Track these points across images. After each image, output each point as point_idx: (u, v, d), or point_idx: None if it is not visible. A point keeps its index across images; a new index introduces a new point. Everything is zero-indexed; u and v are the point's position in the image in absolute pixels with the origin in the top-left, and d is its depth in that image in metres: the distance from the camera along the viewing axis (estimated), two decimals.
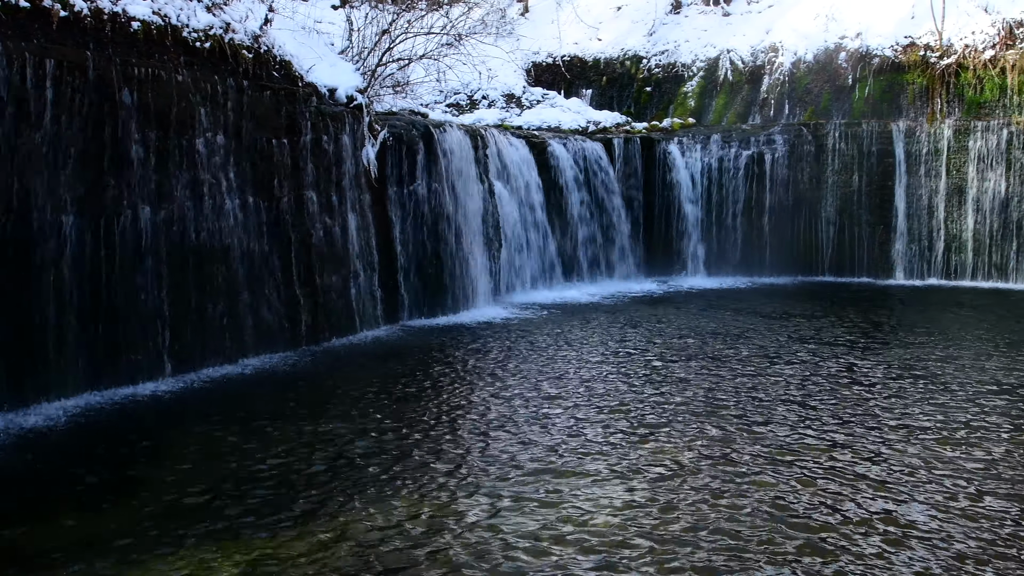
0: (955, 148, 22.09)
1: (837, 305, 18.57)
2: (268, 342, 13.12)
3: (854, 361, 12.94)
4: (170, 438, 9.25)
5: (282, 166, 13.41)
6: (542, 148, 20.46)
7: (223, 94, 12.36)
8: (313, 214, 13.97)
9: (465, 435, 9.39)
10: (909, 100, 23.07)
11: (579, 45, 29.44)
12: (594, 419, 9.93)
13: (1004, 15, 22.08)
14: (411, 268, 16.14)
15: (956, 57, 22.35)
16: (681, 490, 7.71)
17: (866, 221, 22.87)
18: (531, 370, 12.39)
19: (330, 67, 15.06)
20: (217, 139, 12.26)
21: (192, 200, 11.87)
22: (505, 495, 7.61)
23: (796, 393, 11.08)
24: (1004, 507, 7.34)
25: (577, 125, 23.28)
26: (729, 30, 27.67)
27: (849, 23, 24.94)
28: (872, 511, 7.26)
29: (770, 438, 9.22)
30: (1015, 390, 11.22)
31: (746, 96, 26.08)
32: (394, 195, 15.86)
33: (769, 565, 6.27)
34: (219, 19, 12.50)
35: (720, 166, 23.30)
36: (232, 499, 7.56)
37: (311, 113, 13.99)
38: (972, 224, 21.96)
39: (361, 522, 7.05)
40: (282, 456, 8.69)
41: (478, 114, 23.94)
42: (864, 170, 22.79)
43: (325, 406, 10.54)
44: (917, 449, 8.86)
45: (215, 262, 12.22)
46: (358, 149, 14.98)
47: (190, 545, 6.63)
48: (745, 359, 13.08)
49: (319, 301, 14.02)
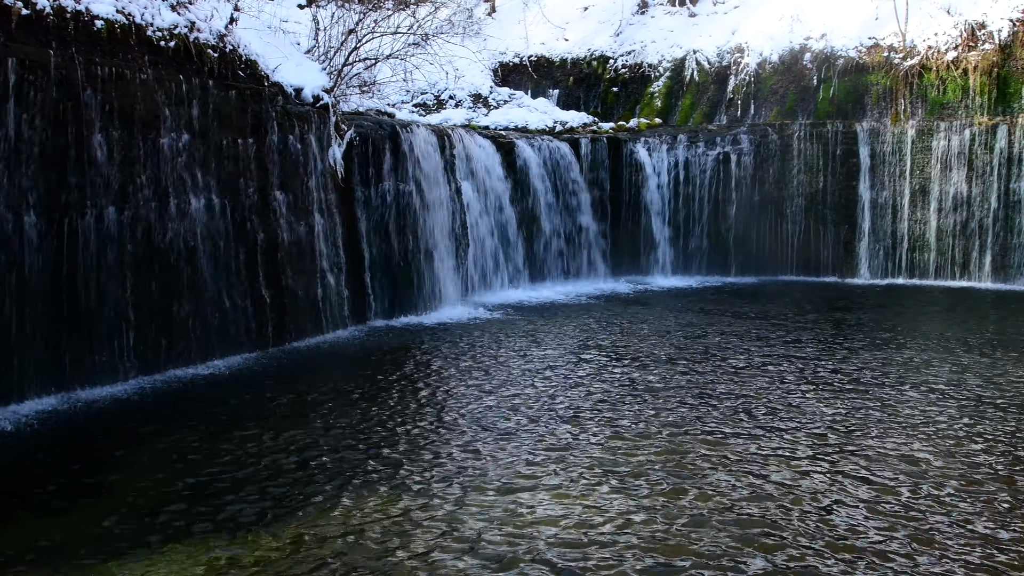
0: (918, 148, 22.30)
1: (801, 304, 18.70)
2: (234, 343, 13.04)
3: (817, 360, 13.03)
4: (134, 441, 9.17)
5: (248, 166, 13.33)
6: (509, 148, 20.45)
7: (188, 93, 12.27)
8: (279, 214, 13.89)
9: (432, 438, 9.36)
10: (873, 101, 23.25)
11: (546, 45, 29.47)
12: (561, 422, 9.93)
13: (966, 17, 22.29)
14: (378, 268, 16.09)
15: (919, 58, 22.54)
16: (647, 495, 7.73)
17: (831, 221, 23.05)
18: (498, 372, 12.38)
19: (296, 67, 14.98)
20: (182, 139, 12.17)
21: (157, 200, 11.77)
22: (472, 498, 7.59)
23: (765, 393, 11.14)
24: (937, 498, 7.41)
25: (544, 125, 23.29)
26: (695, 31, 27.79)
27: (814, 24, 25.11)
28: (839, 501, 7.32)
29: (738, 444, 9.27)
30: (971, 389, 11.35)
31: (712, 96, 26.19)
32: (361, 195, 15.81)
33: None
34: (184, 18, 12.40)
35: (687, 166, 23.41)
36: (196, 502, 7.49)
37: (277, 113, 13.92)
38: (935, 223, 22.17)
39: (326, 525, 7.01)
40: (247, 458, 8.63)
41: (445, 114, 23.91)
42: (829, 170, 22.98)
43: (291, 408, 10.48)
44: (887, 449, 8.94)
45: (180, 263, 12.12)
46: (324, 149, 14.91)
47: (154, 549, 6.56)
48: (712, 359, 13.13)
49: (285, 302, 13.94)
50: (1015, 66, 21.52)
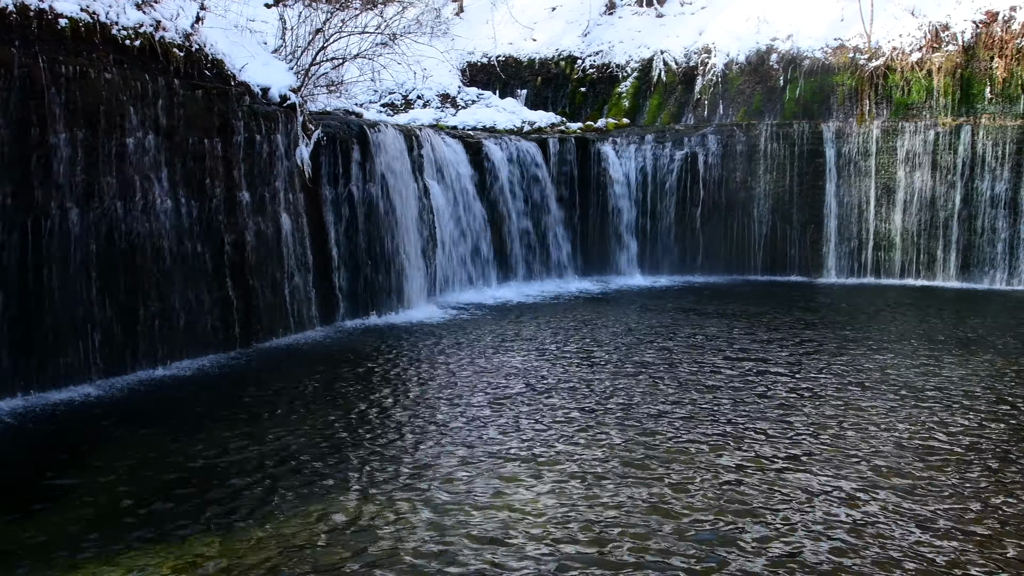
0: (884, 148, 22.49)
1: (768, 303, 18.82)
2: (201, 344, 12.97)
3: (781, 358, 13.14)
4: (101, 442, 9.11)
5: (214, 166, 13.26)
6: (477, 148, 20.45)
7: (154, 93, 12.19)
8: (246, 214, 13.83)
9: (399, 437, 9.36)
10: (839, 101, 23.41)
11: (514, 45, 29.48)
12: (528, 422, 9.95)
13: (930, 19, 22.49)
14: (346, 269, 16.04)
15: (884, 59, 22.73)
16: (613, 489, 7.76)
17: (798, 220, 23.20)
18: (465, 372, 12.39)
19: (263, 66, 14.91)
20: (148, 139, 12.08)
21: (122, 200, 11.68)
22: (440, 498, 7.60)
23: (730, 392, 11.21)
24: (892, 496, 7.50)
25: (512, 125, 23.31)
26: (663, 31, 27.86)
27: (780, 25, 25.25)
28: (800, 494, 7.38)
29: (708, 442, 9.32)
30: (934, 388, 11.48)
31: (680, 97, 26.29)
32: (328, 195, 15.76)
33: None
34: (149, 17, 12.32)
35: (654, 166, 23.49)
36: (165, 503, 7.46)
37: (244, 112, 13.86)
38: (900, 223, 22.37)
39: (294, 524, 6.99)
40: (214, 459, 8.60)
41: (413, 114, 23.87)
42: (795, 170, 23.13)
43: (258, 409, 10.44)
44: (846, 445, 9.02)
45: (146, 263, 12.03)
46: (292, 149, 14.86)
47: (123, 551, 6.53)
48: (678, 359, 13.20)
49: (253, 302, 13.89)
50: (978, 67, 21.75)
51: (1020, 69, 21.14)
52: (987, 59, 21.61)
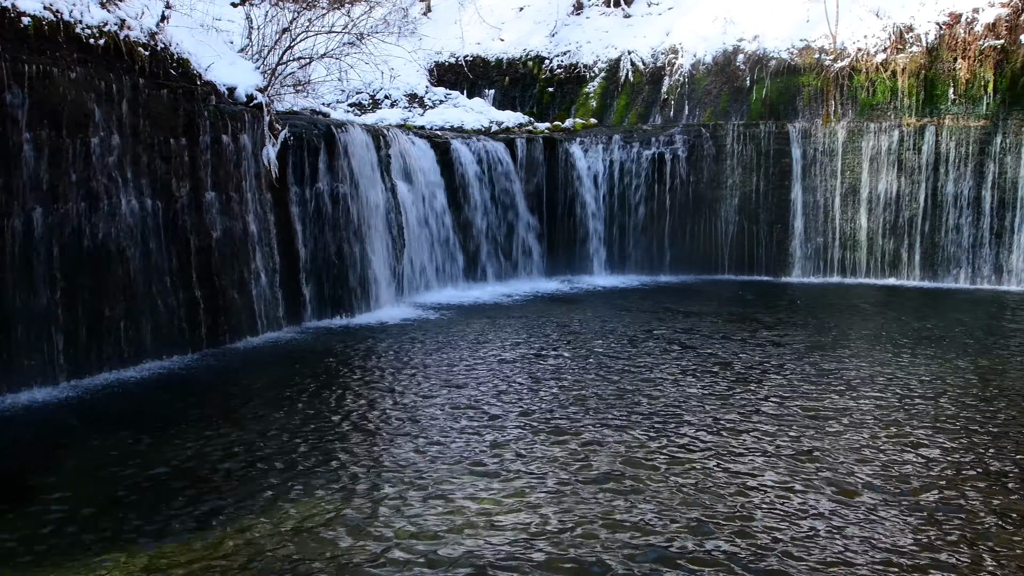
0: (849, 149, 22.66)
1: (734, 303, 18.93)
2: (167, 345, 12.89)
3: (748, 356, 13.21)
4: (65, 445, 9.04)
5: (180, 166, 13.18)
6: (445, 148, 20.43)
7: (118, 92, 12.10)
8: (213, 215, 13.75)
9: (366, 439, 9.35)
10: (805, 101, 23.55)
11: (482, 45, 29.47)
12: (496, 422, 9.96)
13: (894, 20, 22.67)
14: (313, 269, 15.98)
15: (849, 60, 22.89)
16: (581, 495, 7.79)
17: (764, 220, 23.33)
18: (432, 372, 12.38)
19: (229, 65, 14.83)
20: (112, 138, 11.99)
21: (87, 201, 11.59)
22: (407, 499, 7.59)
23: (697, 391, 11.27)
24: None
25: (480, 125, 23.29)
26: (630, 31, 27.93)
27: (746, 26, 25.36)
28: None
29: (669, 443, 9.37)
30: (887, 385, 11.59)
31: (647, 97, 26.37)
32: (295, 195, 15.69)
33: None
34: (114, 15, 12.22)
35: (622, 166, 23.55)
36: (129, 506, 7.41)
37: (210, 112, 13.77)
38: (865, 223, 22.55)
39: (259, 527, 6.97)
40: (180, 461, 8.55)
41: (380, 114, 23.81)
42: (762, 170, 23.26)
43: (224, 410, 10.38)
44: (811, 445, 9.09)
45: (111, 264, 11.94)
46: (258, 149, 14.78)
47: (91, 552, 6.49)
48: (644, 358, 13.24)
49: (219, 303, 13.81)
50: (942, 68, 21.95)
51: (983, 70, 21.36)
52: (950, 60, 21.81)
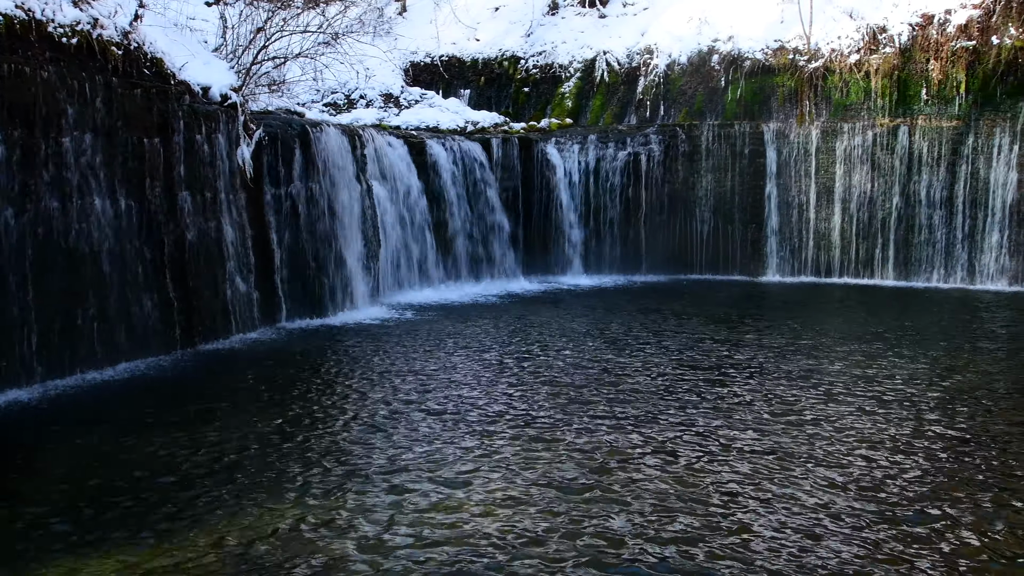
0: (823, 149, 22.79)
1: (708, 302, 19.00)
2: (141, 346, 12.80)
3: (721, 355, 13.26)
4: (38, 447, 8.98)
5: (154, 166, 13.10)
6: (421, 148, 20.40)
7: (91, 92, 12.01)
8: (187, 215, 13.68)
9: (341, 441, 9.32)
10: (779, 102, 23.66)
11: (457, 45, 29.44)
12: (470, 423, 9.96)
13: (868, 21, 22.82)
14: (288, 269, 15.92)
15: (823, 61, 23.02)
16: (551, 496, 7.79)
17: (739, 220, 23.43)
18: (407, 373, 12.35)
19: (203, 65, 14.76)
20: (85, 138, 11.90)
21: (59, 201, 11.49)
22: (381, 500, 7.58)
23: (671, 392, 11.29)
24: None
25: (455, 125, 23.28)
26: (605, 32, 27.97)
27: (721, 26, 25.45)
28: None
29: (640, 441, 9.39)
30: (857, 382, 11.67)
31: (622, 97, 26.42)
32: (270, 195, 15.63)
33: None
34: (87, 14, 12.13)
35: (597, 166, 23.59)
36: (107, 507, 7.36)
37: (184, 112, 13.70)
38: (839, 223, 22.69)
39: (231, 529, 6.93)
40: (157, 462, 8.50)
41: (356, 114, 23.75)
42: (737, 170, 23.37)
43: (200, 411, 10.33)
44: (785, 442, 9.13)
45: (85, 265, 11.86)
46: (233, 149, 14.72)
47: (65, 554, 6.45)
48: (618, 359, 13.27)
49: (194, 304, 13.74)
50: (914, 69, 22.10)
51: (955, 71, 21.52)
52: (923, 61, 21.97)
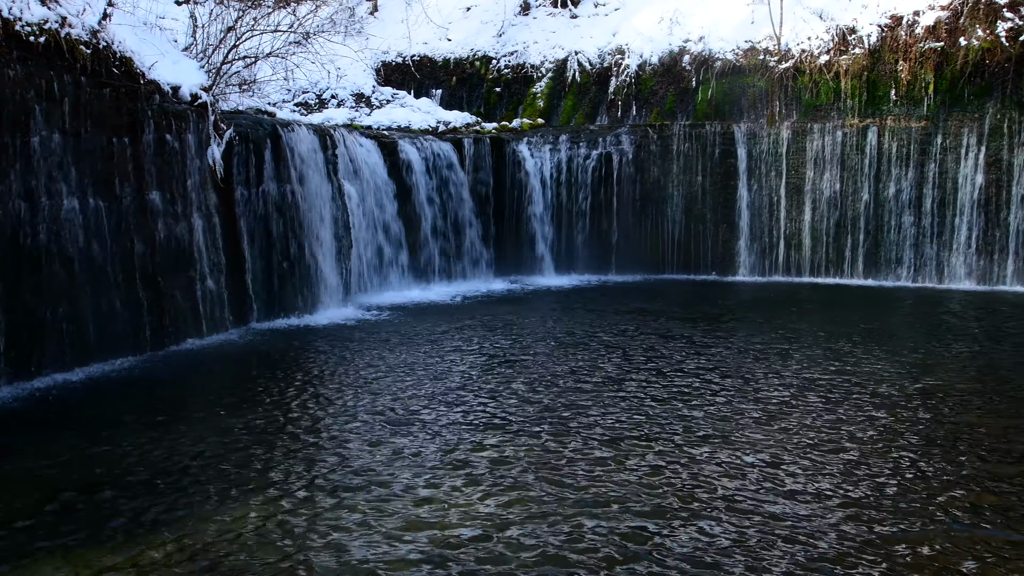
0: (793, 149, 22.91)
1: (679, 302, 19.07)
2: (111, 347, 12.71)
3: (689, 355, 13.31)
4: (9, 449, 8.89)
5: (123, 166, 13.01)
6: (392, 148, 20.36)
7: (59, 91, 11.91)
8: (157, 215, 13.59)
9: (311, 442, 9.29)
10: (750, 102, 23.77)
11: (429, 45, 29.40)
12: (439, 426, 9.95)
13: (838, 22, 22.95)
14: (259, 270, 15.85)
15: (793, 62, 23.14)
16: (518, 498, 7.80)
17: (711, 220, 23.52)
18: (377, 375, 12.32)
19: (173, 64, 14.67)
20: (54, 138, 11.81)
21: (27, 201, 11.39)
22: (350, 500, 7.56)
23: (646, 389, 11.32)
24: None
25: (427, 125, 23.25)
26: (577, 32, 28.01)
27: (692, 27, 25.53)
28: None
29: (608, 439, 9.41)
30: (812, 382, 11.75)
31: (594, 97, 26.46)
32: (241, 195, 15.55)
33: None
34: (55, 12, 12.03)
35: (569, 166, 23.62)
36: (75, 510, 7.31)
37: (154, 111, 13.61)
38: (810, 222, 22.82)
39: (203, 532, 6.90)
40: (126, 465, 8.44)
41: (327, 113, 23.69)
42: (708, 170, 23.45)
43: (170, 413, 10.27)
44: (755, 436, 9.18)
45: (53, 266, 11.76)
46: (203, 149, 14.64)
47: (33, 559, 6.39)
48: (591, 359, 13.29)
49: (164, 305, 13.65)
50: (883, 70, 22.25)
51: (923, 72, 21.68)
52: (892, 62, 22.12)
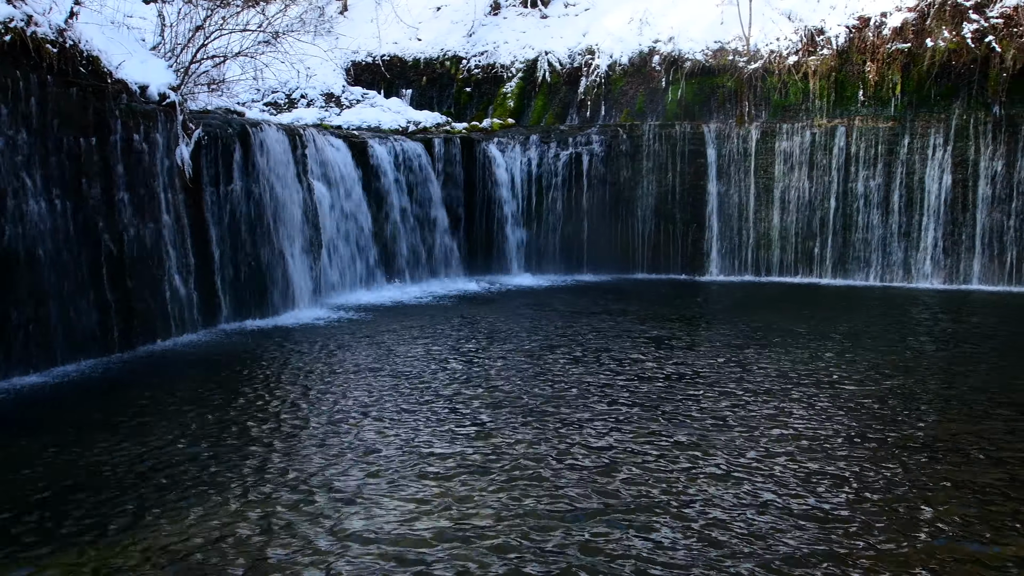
0: (763, 149, 23.04)
1: (649, 302, 19.13)
2: (79, 349, 12.61)
3: (658, 355, 13.35)
4: None
5: (91, 166, 12.91)
6: (362, 148, 20.31)
7: (25, 90, 11.80)
8: (124, 216, 13.49)
9: (278, 443, 9.24)
10: (719, 103, 23.88)
11: (399, 45, 29.35)
12: (410, 428, 9.93)
13: (806, 23, 23.11)
14: (229, 270, 15.77)
15: (762, 62, 23.27)
16: (493, 500, 7.80)
17: (681, 220, 23.61)
18: (346, 375, 12.29)
19: (141, 63, 14.57)
20: (19, 137, 11.70)
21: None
22: (319, 502, 7.54)
23: (614, 391, 11.35)
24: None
25: (397, 125, 23.21)
26: (547, 32, 28.04)
27: (662, 27, 25.62)
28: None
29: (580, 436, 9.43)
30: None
31: (564, 97, 26.50)
32: (210, 196, 15.47)
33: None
34: (20, 11, 11.92)
35: (540, 166, 23.66)
36: (42, 515, 7.23)
37: (121, 111, 13.51)
38: (779, 222, 22.95)
39: (171, 534, 6.85)
40: (94, 468, 8.37)
41: (297, 113, 23.60)
42: (678, 170, 23.54)
43: (138, 415, 10.20)
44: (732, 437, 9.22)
45: (19, 266, 11.64)
46: (171, 149, 14.55)
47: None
48: (561, 360, 13.31)
49: (132, 306, 13.56)
50: (851, 71, 22.42)
51: (891, 73, 21.87)
52: (860, 63, 22.29)
